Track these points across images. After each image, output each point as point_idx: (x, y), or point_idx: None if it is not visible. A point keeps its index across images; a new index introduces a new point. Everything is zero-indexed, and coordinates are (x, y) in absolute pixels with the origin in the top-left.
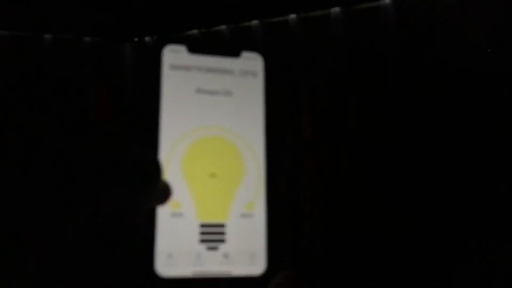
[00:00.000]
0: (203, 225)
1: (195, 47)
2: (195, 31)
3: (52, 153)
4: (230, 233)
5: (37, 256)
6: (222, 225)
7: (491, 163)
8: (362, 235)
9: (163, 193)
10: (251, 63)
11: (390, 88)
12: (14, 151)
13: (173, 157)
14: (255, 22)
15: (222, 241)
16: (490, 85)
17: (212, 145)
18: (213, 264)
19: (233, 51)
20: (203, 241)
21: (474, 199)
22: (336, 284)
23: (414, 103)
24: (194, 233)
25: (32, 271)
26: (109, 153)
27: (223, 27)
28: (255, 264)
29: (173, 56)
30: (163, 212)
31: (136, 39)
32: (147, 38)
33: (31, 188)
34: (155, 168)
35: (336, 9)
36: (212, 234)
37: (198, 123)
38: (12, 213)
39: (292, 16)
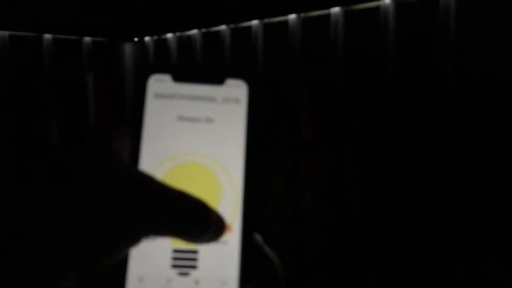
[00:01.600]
0: (175, 251)
1: (180, 76)
2: (195, 31)
3: (53, 155)
4: (203, 259)
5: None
6: (194, 251)
7: (492, 163)
8: (362, 236)
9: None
10: (235, 90)
11: (390, 88)
12: (14, 151)
13: None
14: (255, 22)
15: (194, 267)
16: (491, 85)
17: (190, 172)
18: None
19: (217, 79)
20: (175, 266)
21: (475, 199)
22: (336, 284)
23: (414, 104)
24: (166, 258)
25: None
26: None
27: (223, 27)
28: None
29: (158, 85)
30: None
31: (136, 39)
32: (147, 38)
33: (32, 189)
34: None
35: (336, 9)
36: (184, 260)
37: (176, 150)
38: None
39: (292, 16)
